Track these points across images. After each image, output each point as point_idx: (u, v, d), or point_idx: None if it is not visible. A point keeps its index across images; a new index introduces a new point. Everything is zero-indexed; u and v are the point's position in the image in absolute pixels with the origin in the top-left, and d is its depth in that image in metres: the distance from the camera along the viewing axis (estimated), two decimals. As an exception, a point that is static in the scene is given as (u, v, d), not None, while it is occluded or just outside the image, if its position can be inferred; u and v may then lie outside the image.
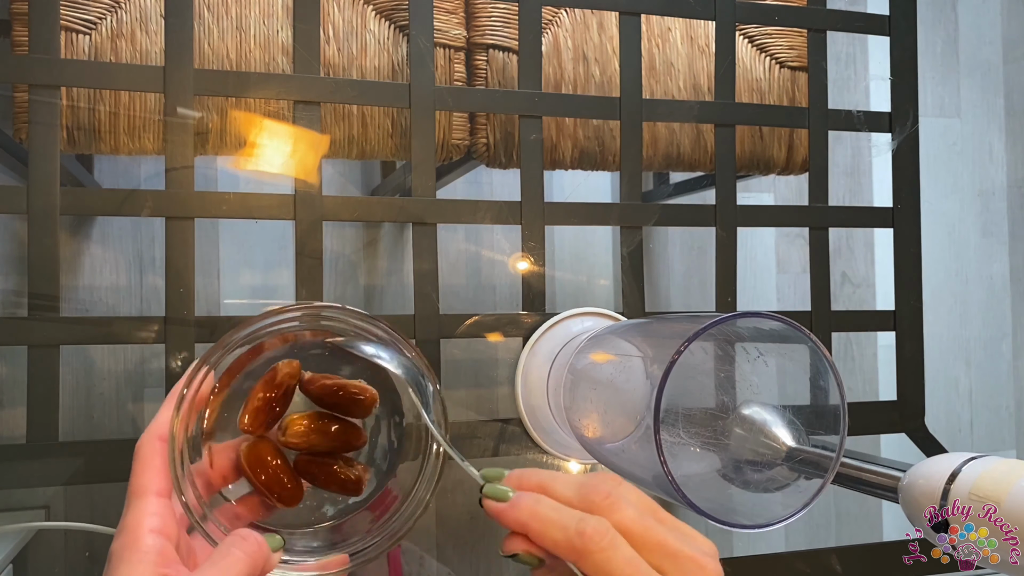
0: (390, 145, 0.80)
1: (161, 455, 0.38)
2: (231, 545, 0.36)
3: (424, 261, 0.66)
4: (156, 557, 0.35)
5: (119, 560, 0.35)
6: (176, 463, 0.38)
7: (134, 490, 0.38)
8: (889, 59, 0.80)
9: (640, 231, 0.71)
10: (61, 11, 0.68)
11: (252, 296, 1.30)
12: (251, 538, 0.37)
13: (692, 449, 0.45)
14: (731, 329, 0.44)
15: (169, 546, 0.36)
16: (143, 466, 0.38)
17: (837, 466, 0.41)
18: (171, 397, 0.39)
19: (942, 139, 1.77)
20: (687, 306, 1.53)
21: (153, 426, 0.39)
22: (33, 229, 0.58)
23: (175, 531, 0.37)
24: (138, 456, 0.38)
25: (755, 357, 0.46)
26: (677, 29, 0.91)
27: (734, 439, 0.47)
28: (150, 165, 1.25)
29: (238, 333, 0.40)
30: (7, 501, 1.11)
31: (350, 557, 0.41)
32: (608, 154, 0.88)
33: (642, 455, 0.41)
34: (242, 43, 0.75)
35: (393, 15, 0.80)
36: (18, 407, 1.17)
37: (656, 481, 0.40)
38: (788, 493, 0.43)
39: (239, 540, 0.37)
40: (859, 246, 1.66)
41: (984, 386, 1.76)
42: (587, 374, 0.53)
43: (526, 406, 0.64)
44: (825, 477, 0.41)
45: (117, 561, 0.35)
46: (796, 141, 0.94)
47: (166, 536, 0.36)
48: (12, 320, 0.58)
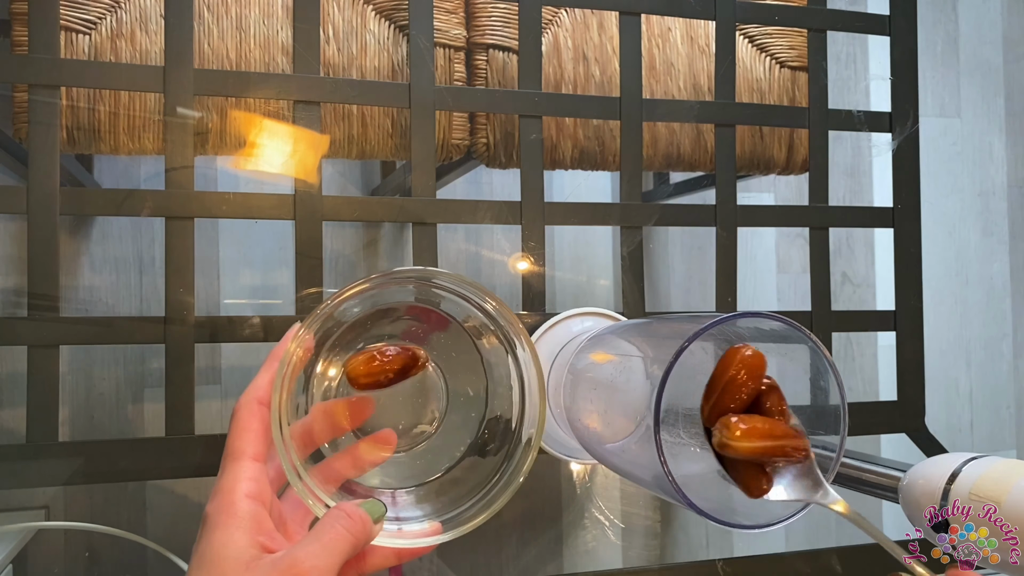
0: (390, 145, 0.80)
1: (259, 418, 0.38)
2: (335, 520, 0.36)
3: (424, 261, 0.66)
4: (252, 523, 0.35)
5: (214, 524, 0.35)
6: (278, 424, 0.37)
7: (230, 452, 0.38)
8: (889, 59, 0.80)
9: (640, 231, 0.71)
10: (61, 11, 0.68)
11: (252, 296, 1.30)
12: (355, 515, 0.37)
13: (692, 449, 0.45)
14: (731, 329, 0.44)
15: (264, 512, 0.36)
16: (240, 429, 0.38)
17: (837, 466, 0.41)
18: (271, 359, 0.39)
19: (942, 139, 1.77)
20: (687, 306, 1.53)
21: (251, 389, 0.39)
22: (33, 229, 0.58)
23: (269, 496, 0.37)
24: (236, 419, 0.38)
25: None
26: (677, 29, 0.91)
27: None
28: (150, 165, 1.25)
29: (335, 300, 0.39)
30: (7, 501, 1.11)
31: (443, 525, 0.41)
32: (608, 154, 0.88)
33: (642, 455, 0.41)
34: (242, 43, 0.75)
35: (393, 15, 0.80)
36: (18, 407, 1.17)
37: (656, 481, 0.40)
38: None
39: (343, 516, 0.36)
40: (859, 246, 1.66)
41: (984, 386, 1.76)
42: (587, 374, 0.53)
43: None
44: (825, 477, 0.41)
45: (212, 525, 0.35)
46: (796, 141, 0.93)
47: (261, 502, 0.36)
48: (12, 320, 0.58)
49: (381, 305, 0.45)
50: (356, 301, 0.43)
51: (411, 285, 0.44)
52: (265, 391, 0.39)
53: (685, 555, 1.49)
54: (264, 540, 0.35)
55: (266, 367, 0.40)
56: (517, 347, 0.43)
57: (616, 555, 1.43)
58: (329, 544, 0.35)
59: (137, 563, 1.16)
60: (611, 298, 1.52)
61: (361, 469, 0.44)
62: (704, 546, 1.50)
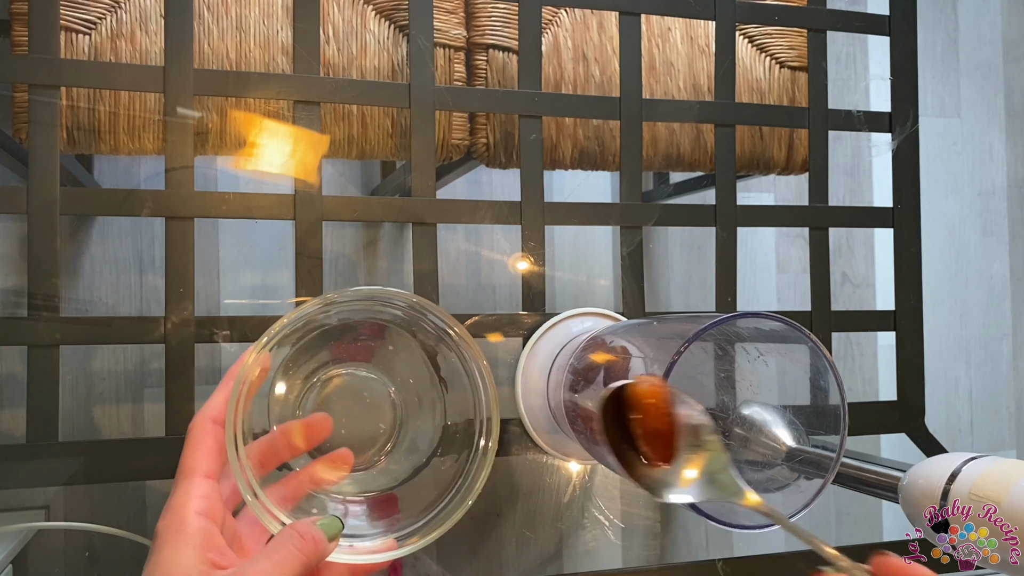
0: (390, 145, 0.80)
1: (213, 436, 0.38)
2: (287, 540, 0.36)
3: (424, 261, 0.66)
4: (202, 540, 0.35)
5: (163, 542, 0.35)
6: (232, 443, 0.38)
7: (183, 471, 0.38)
8: (889, 59, 0.80)
9: (640, 231, 0.71)
10: (61, 11, 0.68)
11: (252, 296, 1.30)
12: (307, 535, 0.37)
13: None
14: (731, 329, 0.44)
15: (215, 529, 0.36)
16: (193, 447, 0.38)
17: (837, 466, 0.41)
18: (227, 378, 0.39)
19: (942, 139, 1.77)
20: (687, 306, 1.53)
21: (206, 408, 0.39)
22: (33, 229, 0.58)
23: (221, 513, 0.37)
24: (190, 437, 0.38)
25: (755, 357, 0.46)
26: (677, 29, 0.91)
27: (734, 439, 0.47)
28: (150, 165, 1.25)
29: (290, 319, 0.40)
30: (7, 501, 1.11)
31: (397, 541, 0.41)
32: (608, 154, 0.88)
33: None
34: (242, 43, 0.75)
35: (393, 15, 0.80)
36: (18, 407, 1.17)
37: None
38: (788, 493, 0.43)
39: (295, 536, 0.37)
40: (859, 246, 1.66)
41: (984, 386, 1.76)
42: (587, 375, 0.53)
43: (526, 406, 0.64)
44: (825, 477, 0.41)
45: (162, 543, 0.36)
46: (796, 141, 0.93)
47: (212, 518, 0.36)
48: (12, 320, 0.58)
49: (343, 321, 0.46)
50: (314, 318, 0.43)
51: (364, 303, 0.45)
52: (220, 410, 0.39)
53: (685, 555, 1.49)
54: (214, 557, 0.35)
55: (222, 386, 0.40)
56: (469, 360, 0.44)
57: (616, 555, 1.43)
58: (279, 562, 0.35)
59: (137, 563, 1.16)
60: (611, 298, 1.52)
61: (318, 487, 0.44)
62: (704, 546, 1.50)
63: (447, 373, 0.47)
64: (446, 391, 0.47)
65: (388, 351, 0.48)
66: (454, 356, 0.45)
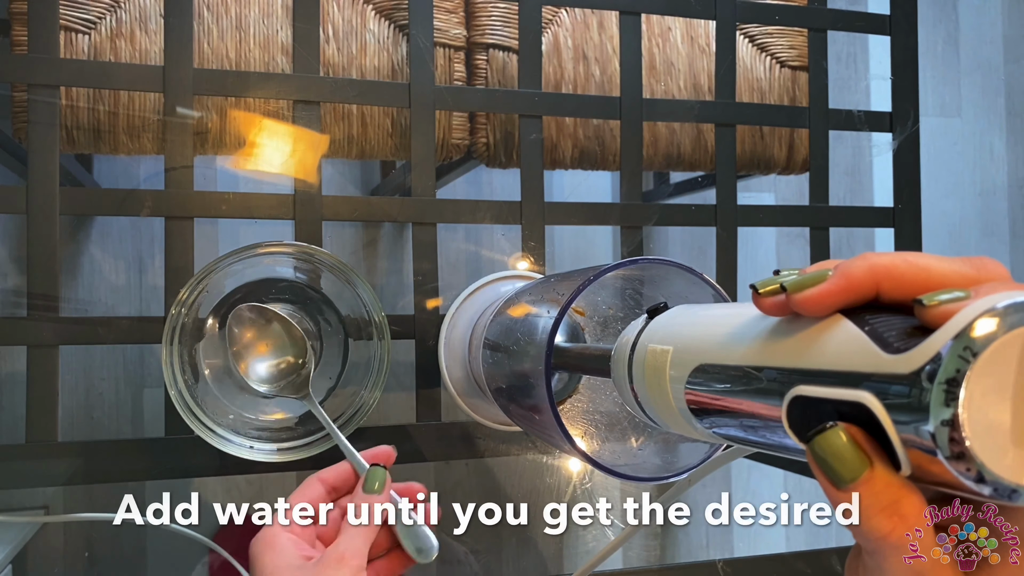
0: (390, 145, 0.80)
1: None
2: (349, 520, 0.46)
3: (424, 261, 0.66)
4: (294, 544, 0.45)
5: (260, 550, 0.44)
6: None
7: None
8: (890, 59, 0.80)
9: (640, 231, 0.71)
10: (61, 11, 0.68)
11: (252, 296, 1.29)
12: (360, 509, 0.46)
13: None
14: (644, 274, 0.44)
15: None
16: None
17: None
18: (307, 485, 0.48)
19: (943, 139, 1.77)
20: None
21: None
22: (33, 229, 0.58)
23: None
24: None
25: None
26: (677, 28, 0.91)
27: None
28: (150, 165, 1.25)
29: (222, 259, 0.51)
30: (7, 501, 1.11)
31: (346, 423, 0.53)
32: (608, 154, 0.88)
33: (535, 397, 0.41)
34: (242, 43, 0.75)
35: (393, 15, 0.80)
36: (18, 407, 1.17)
37: (546, 421, 0.40)
38: (695, 444, 0.41)
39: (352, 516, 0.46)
40: (859, 246, 1.66)
41: (984, 386, 1.76)
42: (498, 339, 0.52)
43: (452, 378, 0.63)
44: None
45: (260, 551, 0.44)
46: (797, 141, 0.93)
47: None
48: (12, 320, 0.58)
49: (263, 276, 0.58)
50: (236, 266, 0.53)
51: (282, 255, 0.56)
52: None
53: (685, 555, 1.49)
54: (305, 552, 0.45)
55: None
56: (351, 276, 0.56)
57: (616, 555, 1.43)
58: (354, 534, 0.44)
59: (137, 563, 1.16)
60: (611, 298, 1.51)
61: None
62: (704, 546, 1.50)
63: (332, 293, 0.59)
64: (338, 306, 0.60)
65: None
66: (337, 279, 0.57)
